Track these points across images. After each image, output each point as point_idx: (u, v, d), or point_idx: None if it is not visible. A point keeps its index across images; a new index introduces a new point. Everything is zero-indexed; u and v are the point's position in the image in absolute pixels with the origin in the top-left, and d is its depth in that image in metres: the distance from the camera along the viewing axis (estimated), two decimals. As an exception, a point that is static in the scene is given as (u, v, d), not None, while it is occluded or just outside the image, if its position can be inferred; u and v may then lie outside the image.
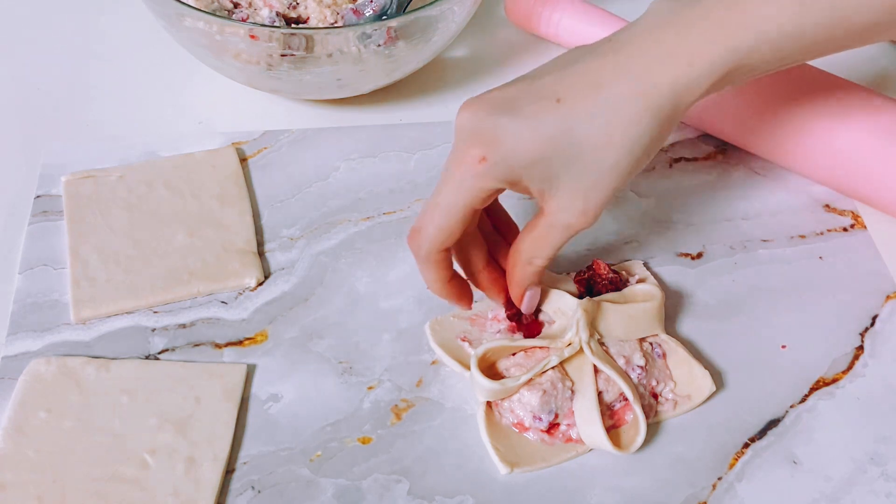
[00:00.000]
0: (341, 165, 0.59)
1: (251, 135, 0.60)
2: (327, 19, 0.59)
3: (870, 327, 0.51)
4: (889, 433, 0.47)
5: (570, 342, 0.46)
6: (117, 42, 0.68)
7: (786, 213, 0.57)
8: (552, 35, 0.65)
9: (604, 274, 0.50)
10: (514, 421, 0.46)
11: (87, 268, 0.51)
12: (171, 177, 0.56)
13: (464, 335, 0.49)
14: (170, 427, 0.45)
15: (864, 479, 0.45)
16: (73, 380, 0.47)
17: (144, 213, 0.54)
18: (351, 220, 0.56)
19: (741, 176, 0.59)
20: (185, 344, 0.49)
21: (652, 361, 0.48)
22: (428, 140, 0.60)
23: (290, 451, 0.45)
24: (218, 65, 0.58)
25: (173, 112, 0.62)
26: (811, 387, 0.49)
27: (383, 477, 0.45)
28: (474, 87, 0.65)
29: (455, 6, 0.57)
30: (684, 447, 0.46)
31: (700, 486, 0.45)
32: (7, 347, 0.49)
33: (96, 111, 0.62)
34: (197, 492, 0.43)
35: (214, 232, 0.54)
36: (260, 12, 0.59)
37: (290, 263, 0.53)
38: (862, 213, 0.57)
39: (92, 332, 0.49)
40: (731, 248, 0.55)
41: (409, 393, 0.48)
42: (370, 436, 0.46)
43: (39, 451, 0.44)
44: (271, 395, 0.48)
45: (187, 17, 0.55)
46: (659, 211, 0.57)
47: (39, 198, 0.56)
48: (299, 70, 0.56)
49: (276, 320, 0.51)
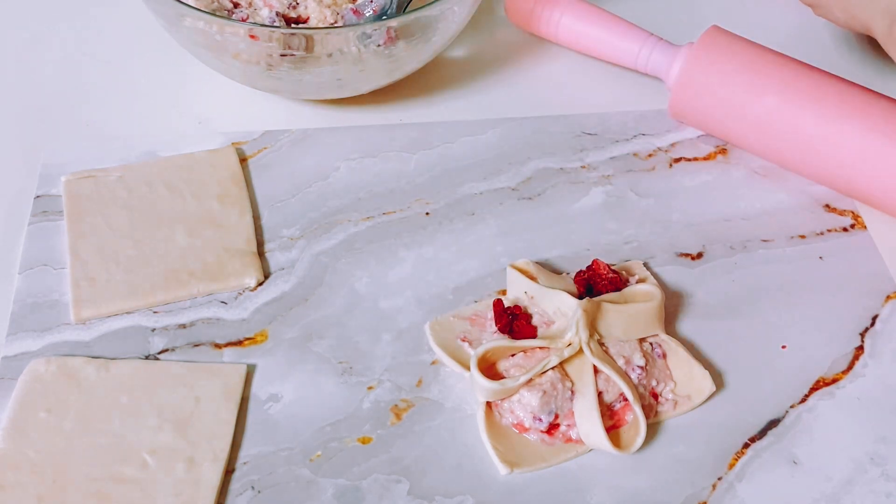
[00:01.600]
0: (341, 165, 0.59)
1: (251, 135, 0.60)
2: (327, 19, 0.59)
3: (870, 327, 0.51)
4: (889, 433, 0.47)
5: (570, 342, 0.46)
6: (117, 42, 0.67)
7: (786, 213, 0.57)
8: (552, 35, 0.65)
9: (604, 274, 0.50)
10: (514, 421, 0.46)
11: (87, 268, 0.51)
12: (171, 177, 0.56)
13: (464, 335, 0.49)
14: (170, 427, 0.45)
15: (864, 479, 0.45)
16: (73, 380, 0.47)
17: (144, 213, 0.54)
18: (351, 220, 0.56)
19: (741, 176, 0.59)
20: (185, 344, 0.49)
21: (652, 361, 0.48)
22: (428, 140, 0.60)
23: (290, 451, 0.45)
24: (218, 65, 0.58)
25: (173, 112, 0.62)
26: (811, 387, 0.49)
27: (383, 477, 0.45)
28: (474, 87, 0.65)
29: (455, 6, 0.57)
30: (684, 447, 0.46)
31: (700, 486, 0.45)
32: (7, 347, 0.49)
33: (96, 111, 0.62)
34: (197, 492, 0.43)
35: (214, 232, 0.54)
36: (260, 12, 0.59)
37: (290, 263, 0.53)
38: (862, 213, 0.57)
39: (92, 332, 0.49)
40: (731, 248, 0.55)
41: (409, 393, 0.48)
42: (370, 436, 0.46)
43: (39, 451, 0.44)
44: (271, 395, 0.47)
45: (187, 17, 0.55)
46: (659, 211, 0.57)
47: (39, 198, 0.56)
48: (299, 70, 0.56)
49: (275, 320, 0.51)
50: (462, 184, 0.58)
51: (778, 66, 0.57)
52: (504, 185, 0.58)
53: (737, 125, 0.58)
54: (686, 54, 0.59)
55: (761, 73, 0.56)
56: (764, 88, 0.56)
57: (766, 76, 0.56)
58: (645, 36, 0.62)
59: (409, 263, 0.53)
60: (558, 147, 0.60)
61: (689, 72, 0.58)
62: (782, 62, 0.57)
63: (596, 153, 0.60)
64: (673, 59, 0.60)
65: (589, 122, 0.62)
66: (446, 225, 0.56)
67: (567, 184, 0.58)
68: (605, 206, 0.57)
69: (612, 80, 0.66)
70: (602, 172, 0.59)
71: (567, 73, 0.66)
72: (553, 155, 0.60)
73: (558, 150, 0.60)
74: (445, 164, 0.59)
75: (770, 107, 0.56)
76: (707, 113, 0.59)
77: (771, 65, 0.57)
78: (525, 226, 0.56)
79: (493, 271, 0.53)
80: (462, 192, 0.57)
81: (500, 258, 0.54)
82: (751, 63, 0.57)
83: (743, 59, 0.57)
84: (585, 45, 0.64)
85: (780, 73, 0.56)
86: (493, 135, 0.61)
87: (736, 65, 0.57)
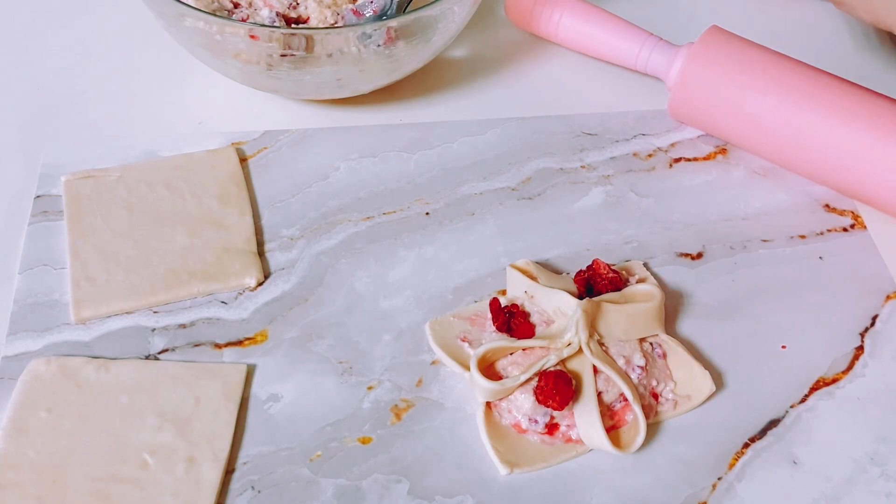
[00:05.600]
0: (341, 165, 0.59)
1: (251, 135, 0.60)
2: (327, 19, 0.59)
3: (870, 327, 0.51)
4: (889, 433, 0.47)
5: (570, 342, 0.46)
6: (117, 42, 0.67)
7: (786, 213, 0.57)
8: (552, 35, 0.65)
9: (604, 274, 0.50)
10: (513, 422, 0.46)
11: (87, 268, 0.51)
12: (171, 177, 0.56)
13: (463, 335, 0.49)
14: (170, 427, 0.45)
15: (864, 479, 0.45)
16: (73, 380, 0.47)
17: (144, 213, 0.54)
18: (351, 220, 0.56)
19: (741, 176, 0.59)
20: (185, 344, 0.49)
21: (652, 361, 0.48)
22: (428, 140, 0.60)
23: (290, 451, 0.45)
24: (218, 65, 0.58)
25: (173, 112, 0.62)
26: (811, 387, 0.49)
27: (383, 477, 0.45)
28: (474, 87, 0.65)
29: (455, 6, 0.57)
30: (684, 447, 0.46)
31: (700, 486, 0.45)
32: (7, 347, 0.49)
33: (96, 111, 0.62)
34: (197, 492, 0.43)
35: (214, 232, 0.54)
36: (260, 12, 0.59)
37: (290, 263, 0.53)
38: (862, 213, 0.57)
39: (92, 332, 0.49)
40: (731, 248, 0.55)
41: (409, 393, 0.48)
42: (370, 436, 0.46)
43: (39, 451, 0.44)
44: (271, 395, 0.48)
45: (187, 17, 0.55)
46: (659, 211, 0.57)
47: (39, 198, 0.56)
48: (299, 70, 0.56)
49: (276, 320, 0.51)
50: (462, 184, 0.58)
51: (778, 66, 0.57)
52: (504, 185, 0.58)
53: (737, 125, 0.58)
54: (686, 54, 0.59)
55: (761, 73, 0.57)
56: (764, 88, 0.56)
57: (766, 76, 0.56)
58: (645, 36, 0.62)
59: (408, 263, 0.53)
60: (558, 147, 0.60)
61: (689, 72, 0.58)
62: (782, 62, 0.57)
63: (596, 153, 0.60)
64: (673, 59, 0.60)
65: (589, 122, 0.62)
66: (446, 225, 0.56)
67: (567, 184, 0.58)
68: (605, 206, 0.57)
69: (612, 80, 0.66)
70: (602, 172, 0.59)
71: (567, 73, 0.66)
72: (553, 155, 0.60)
73: (558, 150, 0.60)
74: (445, 164, 0.59)
75: (770, 107, 0.56)
76: (707, 113, 0.59)
77: (771, 65, 0.57)
78: (525, 226, 0.56)
79: (493, 271, 0.53)
80: (462, 192, 0.57)
81: (500, 258, 0.54)
82: (751, 63, 0.57)
83: (743, 59, 0.57)
84: (585, 45, 0.64)
85: (780, 73, 0.56)
86: (493, 135, 0.61)
87: (736, 65, 0.57)
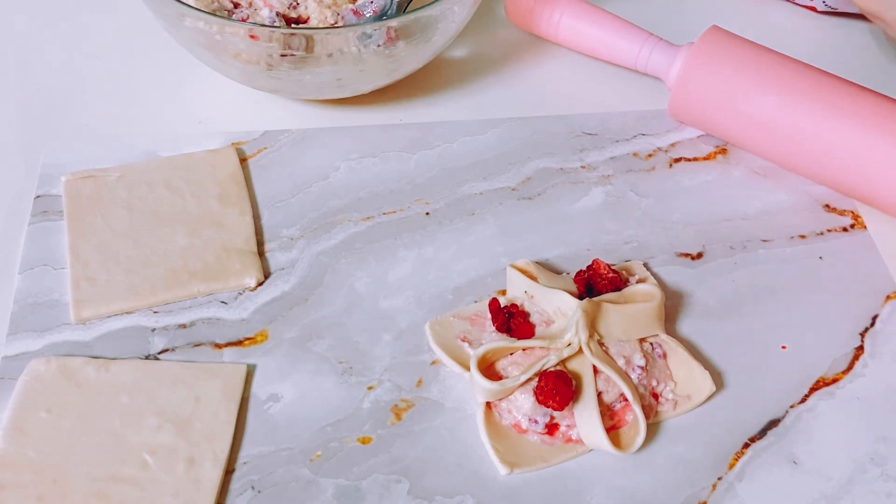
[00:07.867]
0: (341, 165, 0.59)
1: (251, 135, 0.60)
2: (327, 19, 0.59)
3: (870, 327, 0.51)
4: (889, 433, 0.47)
5: (570, 342, 0.46)
6: (117, 42, 0.67)
7: (786, 213, 0.57)
8: (552, 35, 0.65)
9: (604, 274, 0.50)
10: (512, 422, 0.46)
11: (87, 268, 0.51)
12: (171, 177, 0.56)
13: (463, 335, 0.49)
14: (170, 427, 0.45)
15: (864, 479, 0.45)
16: (73, 380, 0.47)
17: (144, 213, 0.54)
18: (351, 220, 0.56)
19: (741, 176, 0.59)
20: (185, 344, 0.49)
21: (652, 362, 0.48)
22: (428, 140, 0.60)
23: (290, 451, 0.45)
24: (218, 65, 0.58)
25: (173, 112, 0.62)
26: (811, 387, 0.49)
27: (383, 477, 0.45)
28: (474, 87, 0.65)
29: (455, 6, 0.57)
30: (684, 447, 0.46)
31: (700, 486, 0.45)
32: (7, 347, 0.49)
33: (96, 111, 0.62)
34: (197, 492, 0.43)
35: (214, 232, 0.54)
36: (260, 12, 0.59)
37: (290, 263, 0.53)
38: (862, 213, 0.57)
39: (92, 332, 0.49)
40: (731, 248, 0.55)
41: (409, 393, 0.48)
42: (370, 436, 0.46)
43: (39, 451, 0.44)
44: (271, 395, 0.48)
45: (187, 17, 0.55)
46: (659, 211, 0.57)
47: (39, 198, 0.56)
48: (299, 70, 0.56)
49: (276, 320, 0.51)
50: (462, 184, 0.58)
51: (778, 66, 0.57)
52: (504, 185, 0.58)
53: (737, 125, 0.58)
54: (686, 54, 0.59)
55: (761, 73, 0.56)
56: (764, 88, 0.56)
57: (766, 76, 0.56)
58: (645, 36, 0.62)
59: (408, 263, 0.53)
60: (558, 147, 0.60)
61: (689, 72, 0.58)
62: (782, 62, 0.57)
63: (596, 153, 0.60)
64: (673, 59, 0.60)
65: (589, 122, 0.62)
66: (446, 225, 0.56)
67: (567, 184, 0.58)
68: (605, 206, 0.57)
69: (612, 80, 0.66)
70: (602, 172, 0.59)
71: (567, 73, 0.66)
72: (553, 155, 0.60)
73: (558, 150, 0.60)
74: (445, 164, 0.59)
75: (770, 107, 0.56)
76: (707, 113, 0.59)
77: (771, 65, 0.57)
78: (525, 226, 0.56)
79: (493, 271, 0.53)
80: (462, 192, 0.57)
81: (500, 258, 0.54)
82: (751, 63, 0.57)
83: (743, 59, 0.57)
84: (585, 45, 0.64)
85: (780, 73, 0.56)
86: (493, 135, 0.61)
87: (736, 65, 0.57)
